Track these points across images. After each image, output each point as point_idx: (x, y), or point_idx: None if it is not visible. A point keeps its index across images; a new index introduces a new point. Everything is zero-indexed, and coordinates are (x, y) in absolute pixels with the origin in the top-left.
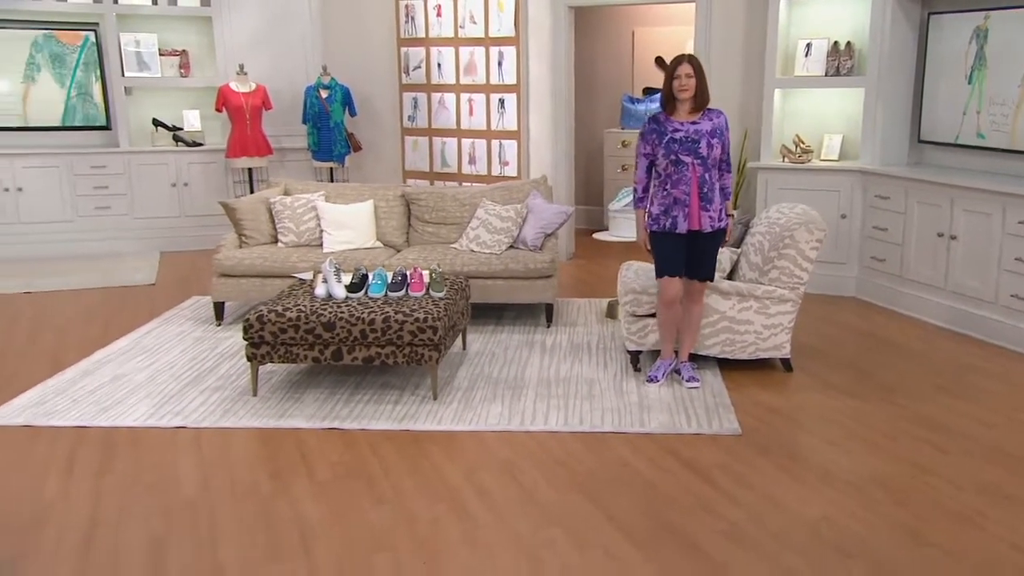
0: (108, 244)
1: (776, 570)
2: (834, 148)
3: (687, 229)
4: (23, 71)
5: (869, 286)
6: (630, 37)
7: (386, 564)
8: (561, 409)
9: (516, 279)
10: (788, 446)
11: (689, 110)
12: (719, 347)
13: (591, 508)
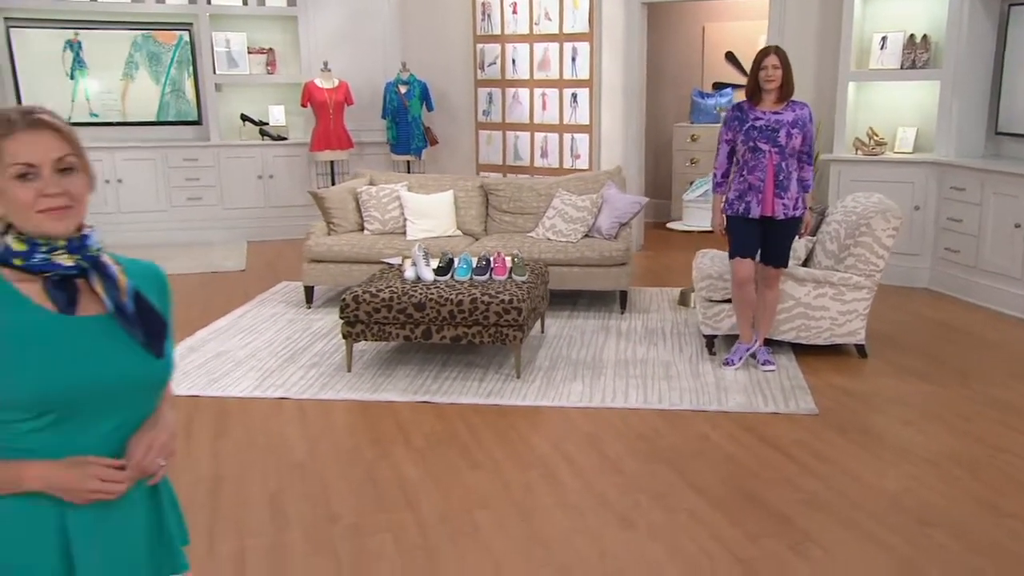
0: (199, 233)
1: (858, 536)
2: (908, 141)
3: (760, 215)
4: (123, 69)
5: (942, 277)
6: (700, 32)
7: (487, 519)
8: (640, 388)
9: (591, 266)
10: (865, 426)
11: (774, 100)
12: (794, 332)
13: (674, 477)
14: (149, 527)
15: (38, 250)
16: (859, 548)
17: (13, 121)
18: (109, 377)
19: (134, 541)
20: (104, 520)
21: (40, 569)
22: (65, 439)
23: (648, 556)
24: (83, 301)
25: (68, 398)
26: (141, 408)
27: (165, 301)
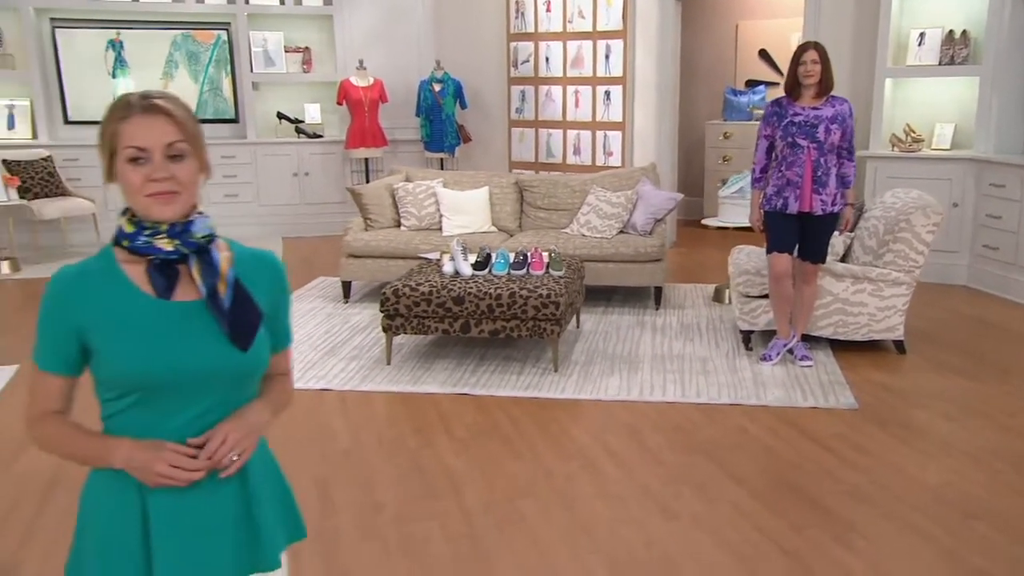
0: (235, 229)
1: (902, 527)
2: (946, 137)
3: (798, 210)
4: (162, 68)
5: (980, 274)
6: (733, 30)
7: (531, 508)
8: (677, 382)
9: (626, 262)
10: (905, 420)
11: (813, 95)
12: (832, 328)
13: (715, 469)
14: (236, 520)
15: (142, 233)
16: (903, 539)
17: (132, 105)
18: (191, 364)
19: (216, 531)
20: (184, 506)
21: (122, 545)
22: (149, 421)
23: (693, 545)
24: (182, 286)
25: (149, 381)
26: (226, 398)
27: (277, 293)
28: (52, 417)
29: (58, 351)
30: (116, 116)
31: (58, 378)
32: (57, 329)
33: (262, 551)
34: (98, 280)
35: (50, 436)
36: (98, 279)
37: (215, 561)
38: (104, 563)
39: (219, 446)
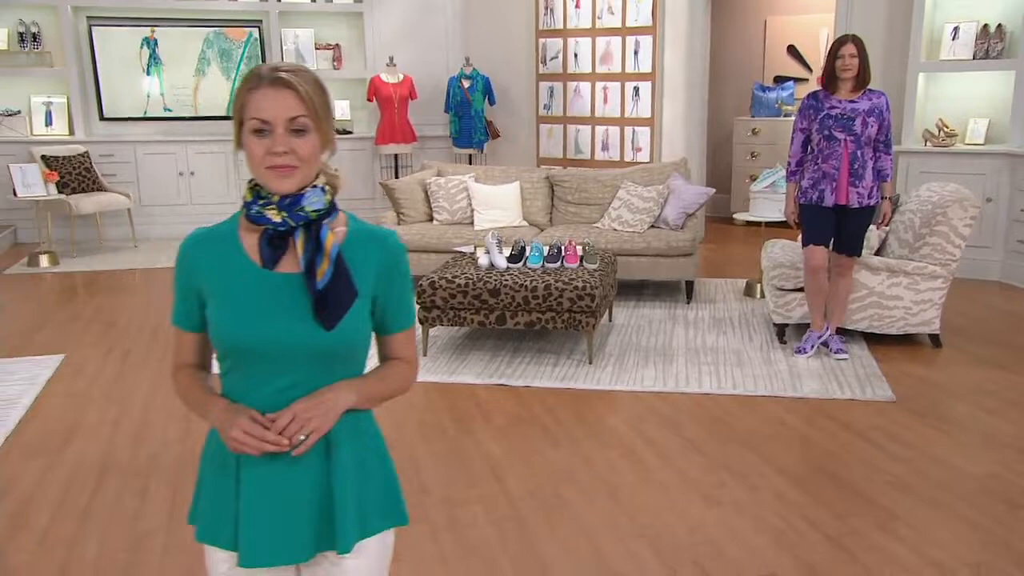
0: None
1: (947, 516)
2: (979, 132)
3: (834, 203)
4: (195, 65)
5: (1014, 269)
6: (762, 26)
7: (573, 494)
8: (712, 374)
9: (658, 256)
10: (945, 413)
11: (850, 89)
12: (867, 322)
13: (755, 458)
14: (315, 497)
15: (257, 202)
16: (949, 527)
17: (261, 77)
18: (277, 336)
19: (296, 505)
20: (268, 476)
21: (221, 501)
22: (242, 387)
23: (737, 531)
24: (288, 259)
25: (238, 347)
26: (311, 375)
27: (391, 274)
28: (185, 370)
29: (185, 309)
30: (246, 87)
31: (188, 334)
32: (184, 288)
33: (336, 533)
34: (218, 245)
35: (180, 387)
36: (218, 244)
37: (294, 532)
38: (211, 512)
39: (287, 424)
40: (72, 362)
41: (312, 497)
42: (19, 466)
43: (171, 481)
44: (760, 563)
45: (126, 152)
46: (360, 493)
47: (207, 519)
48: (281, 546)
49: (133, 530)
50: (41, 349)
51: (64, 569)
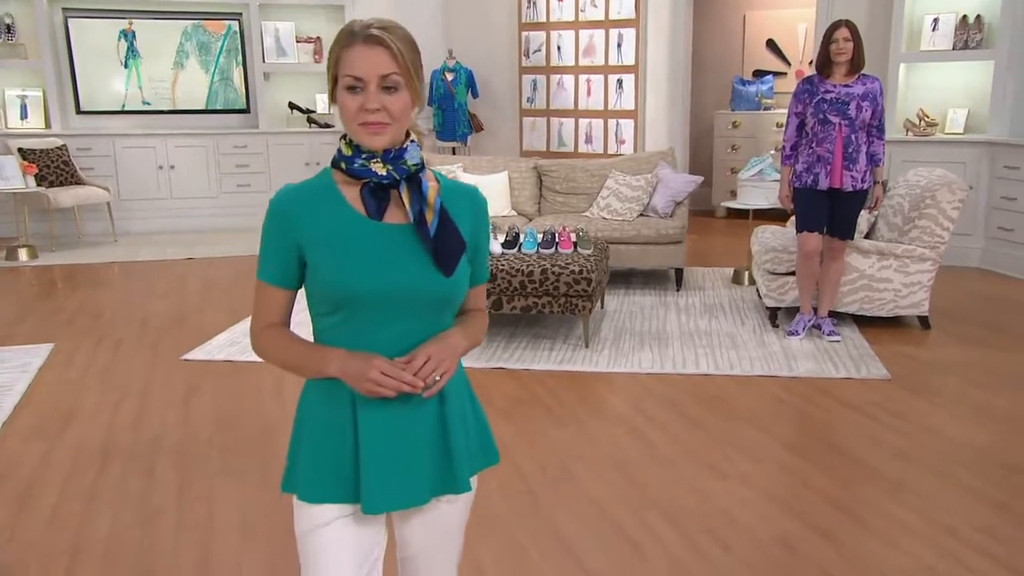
0: (248, 219)
1: (950, 483)
2: (959, 122)
3: (828, 186)
4: (173, 58)
5: (995, 256)
6: (741, 20)
7: (582, 469)
8: (709, 356)
9: (648, 244)
10: (939, 389)
11: (844, 73)
12: (857, 304)
13: (757, 434)
14: (433, 440)
15: (359, 157)
16: (952, 493)
17: (355, 34)
18: (397, 283)
19: (416, 449)
20: (390, 420)
21: (334, 453)
22: (354, 339)
23: (747, 501)
24: (392, 210)
25: (357, 296)
26: (425, 322)
27: (478, 227)
28: (273, 328)
29: (278, 265)
30: (340, 43)
31: (278, 290)
32: (279, 243)
33: (454, 473)
34: (317, 198)
35: (271, 346)
36: (317, 197)
37: (415, 476)
38: (316, 470)
39: (423, 364)
40: (62, 351)
41: (430, 441)
42: (19, 450)
43: (177, 463)
44: (772, 529)
45: (104, 146)
46: (467, 434)
47: (314, 478)
48: (404, 490)
49: (143, 509)
50: (27, 340)
51: (76, 547)
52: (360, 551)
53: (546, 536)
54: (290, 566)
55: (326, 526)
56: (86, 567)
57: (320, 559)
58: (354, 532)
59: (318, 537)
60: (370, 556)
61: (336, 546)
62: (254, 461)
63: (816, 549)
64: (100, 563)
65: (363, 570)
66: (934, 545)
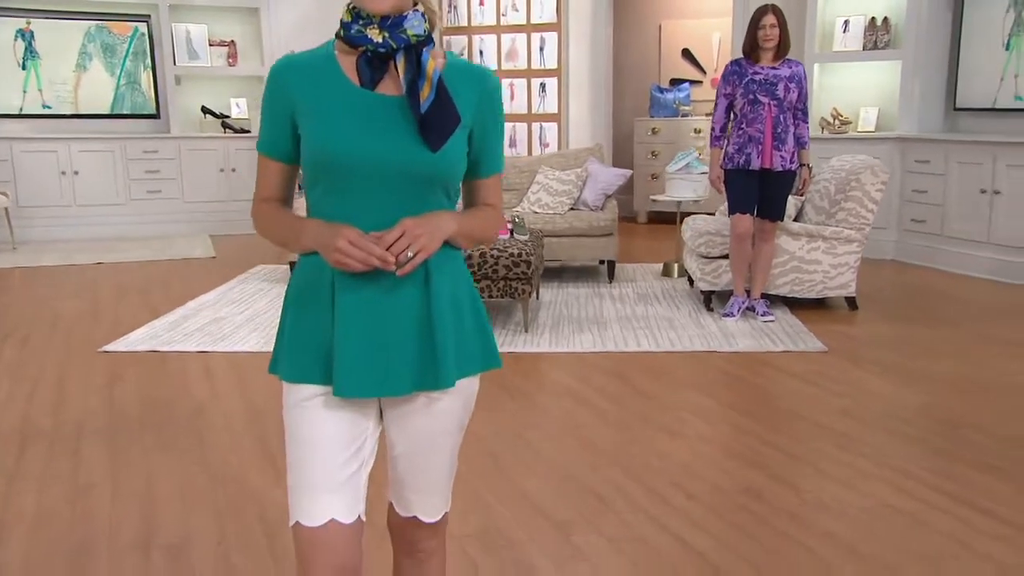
0: (159, 227)
1: (897, 436)
2: (870, 120)
3: (760, 166)
4: (76, 60)
5: (908, 248)
6: (657, 30)
7: (538, 437)
8: (649, 336)
9: (580, 236)
10: (875, 359)
11: (771, 58)
12: (788, 286)
13: (708, 400)
14: (416, 330)
15: (357, 22)
16: (901, 444)
17: None
18: (381, 153)
19: (395, 335)
20: (366, 303)
21: (311, 334)
22: (337, 210)
23: (707, 457)
24: (387, 81)
25: (338, 163)
26: (412, 198)
27: (486, 111)
28: (268, 203)
29: (273, 134)
30: None
31: (275, 163)
32: (274, 112)
33: (436, 367)
34: (313, 67)
35: (264, 220)
36: (314, 67)
37: (393, 365)
38: (297, 351)
39: (397, 238)
40: None
41: (411, 329)
42: None
43: (105, 443)
44: (735, 480)
45: (1, 150)
46: (457, 330)
47: (293, 357)
48: (378, 377)
49: (73, 485)
50: None
51: (2, 523)
52: (344, 433)
53: (511, 495)
54: (245, 529)
55: (309, 401)
56: (14, 541)
57: (303, 431)
58: (339, 414)
59: (302, 411)
60: (355, 443)
61: (319, 421)
62: (191, 438)
63: (779, 496)
64: (28, 536)
65: (347, 453)
66: (890, 485)
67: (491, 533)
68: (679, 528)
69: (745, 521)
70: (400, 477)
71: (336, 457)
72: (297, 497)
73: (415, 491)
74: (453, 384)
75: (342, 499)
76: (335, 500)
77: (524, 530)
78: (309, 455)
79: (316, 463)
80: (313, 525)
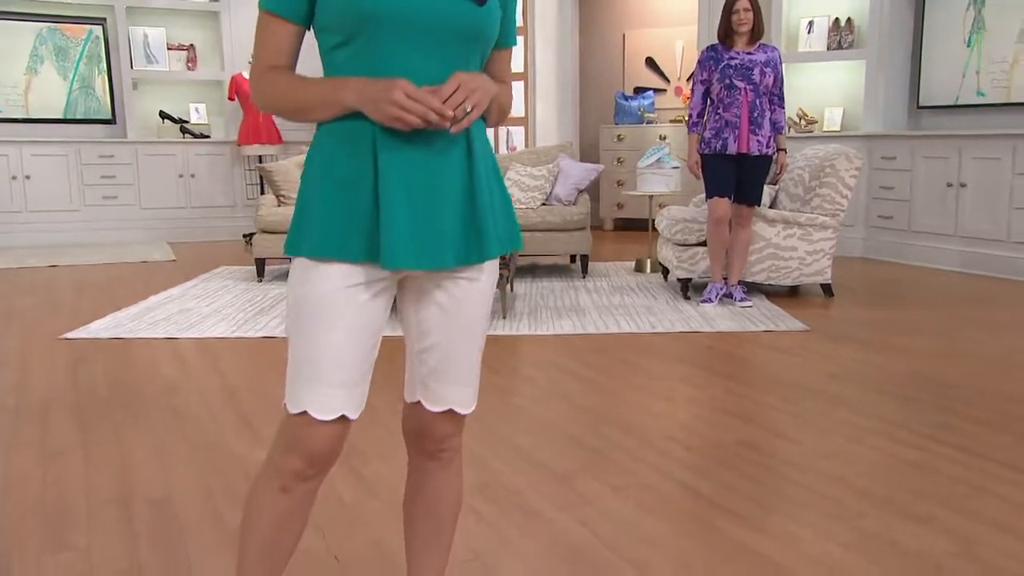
0: (115, 234)
1: (892, 397)
2: (835, 120)
3: (736, 151)
4: (26, 63)
5: (876, 244)
6: (621, 39)
7: (528, 402)
8: (630, 321)
9: (553, 231)
10: (857, 336)
11: (745, 43)
12: (765, 274)
13: (699, 371)
14: (460, 198)
15: None
16: (896, 403)
17: None
18: (426, 5)
19: (441, 204)
20: (414, 166)
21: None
22: (371, 70)
23: (701, 416)
24: None
25: (377, 17)
26: (453, 56)
27: None
28: (278, 70)
29: None
30: None
31: (286, 24)
32: None
33: (481, 239)
34: None
35: (276, 87)
36: None
37: (439, 235)
38: (329, 225)
39: (453, 92)
40: None
41: (457, 196)
42: None
43: (73, 417)
44: (733, 434)
45: None
46: (493, 205)
47: (325, 230)
48: (427, 249)
49: (43, 452)
50: None
51: None
52: (371, 323)
53: (504, 449)
54: (231, 487)
55: (336, 283)
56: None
57: (327, 318)
58: (367, 300)
59: (328, 295)
60: (377, 335)
61: (347, 308)
62: (165, 412)
63: (780, 448)
64: None
65: (370, 344)
66: (892, 438)
67: (491, 486)
68: (682, 475)
69: (749, 468)
70: (433, 369)
71: (360, 349)
72: (308, 387)
73: (452, 382)
74: (497, 255)
75: (356, 395)
76: (350, 396)
77: (524, 480)
78: (331, 344)
79: (338, 354)
80: (324, 419)
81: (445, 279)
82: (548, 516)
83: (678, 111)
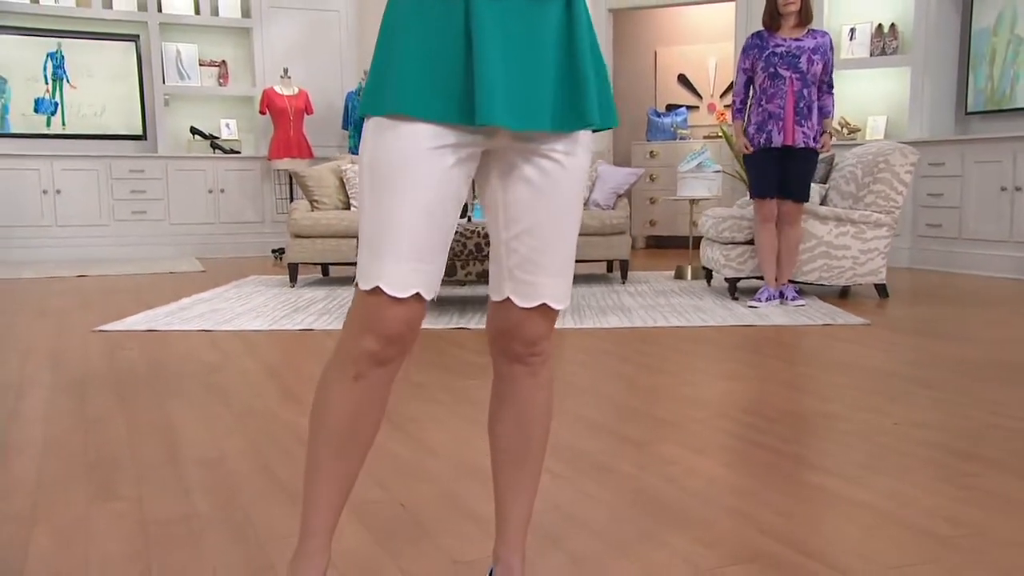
0: (144, 248)
1: (975, 380)
2: (879, 129)
3: (781, 143)
4: (60, 79)
5: (923, 254)
6: (652, 56)
7: (583, 380)
8: (680, 317)
9: (593, 235)
10: (920, 329)
11: (793, 25)
12: (817, 273)
13: (756, 356)
14: (557, 54)
15: None
16: (986, 385)
17: None
18: None
19: (538, 59)
20: (511, 15)
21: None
22: None
23: (772, 392)
24: None
25: None
26: None
27: None
28: None
29: None
30: None
31: None
32: None
33: (581, 101)
34: None
35: None
36: None
37: (536, 93)
38: (415, 79)
39: None
40: None
41: (554, 52)
42: None
43: (114, 390)
44: (814, 409)
45: None
46: (593, 68)
47: (410, 84)
48: (523, 106)
49: (81, 418)
50: None
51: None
52: (454, 192)
53: (571, 419)
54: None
55: (420, 145)
56: (25, 459)
57: (409, 184)
58: (453, 166)
59: (409, 159)
60: (459, 208)
61: (433, 174)
62: (207, 389)
63: (869, 420)
64: (40, 456)
65: (452, 216)
66: (990, 411)
67: (559, 448)
68: (768, 441)
69: (841, 437)
70: (525, 258)
71: (443, 220)
72: (382, 261)
73: (546, 272)
74: (597, 124)
75: (433, 272)
76: (427, 272)
77: (595, 444)
78: (411, 213)
79: (417, 224)
80: (398, 296)
81: (535, 153)
82: (628, 472)
83: (711, 127)
